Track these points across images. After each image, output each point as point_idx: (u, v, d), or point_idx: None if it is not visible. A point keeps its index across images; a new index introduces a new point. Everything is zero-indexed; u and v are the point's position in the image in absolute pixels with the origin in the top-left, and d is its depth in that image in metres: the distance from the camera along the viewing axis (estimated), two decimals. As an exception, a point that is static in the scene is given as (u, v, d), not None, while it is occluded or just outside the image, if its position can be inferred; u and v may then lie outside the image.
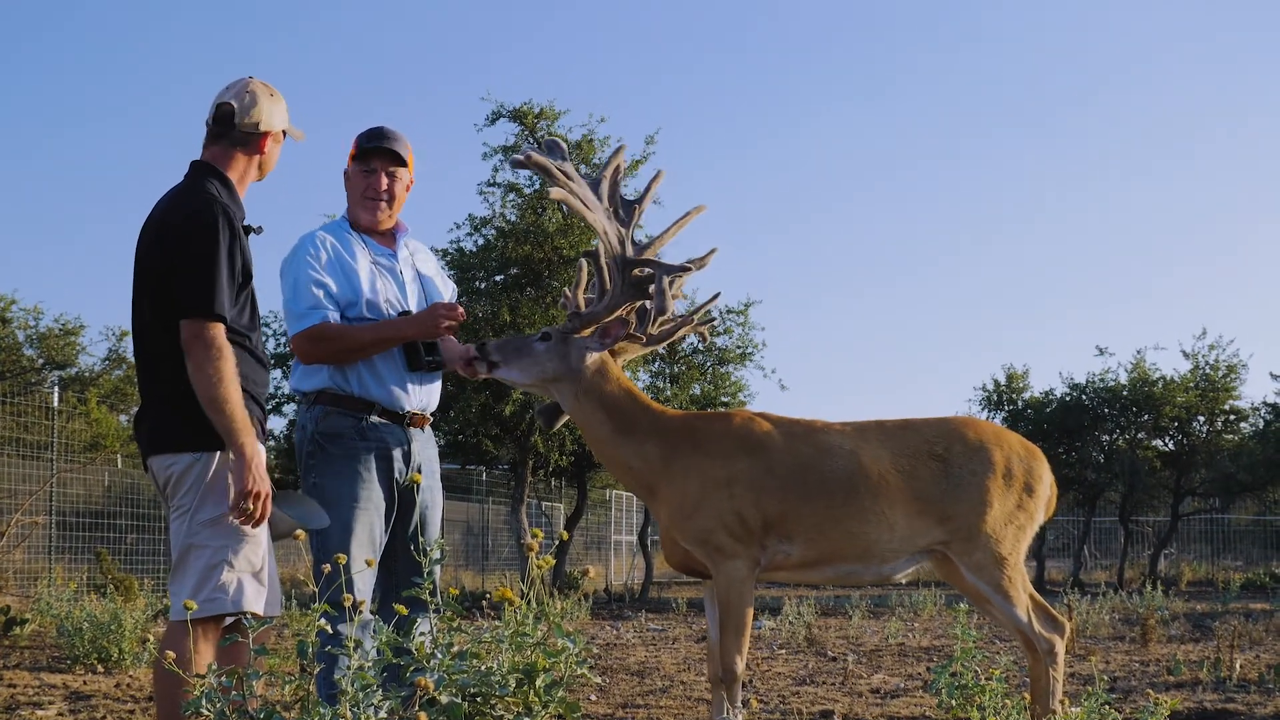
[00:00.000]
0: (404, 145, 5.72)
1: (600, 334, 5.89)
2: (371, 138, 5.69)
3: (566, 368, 5.86)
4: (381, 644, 3.82)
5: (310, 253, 5.46)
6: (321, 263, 5.45)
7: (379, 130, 5.72)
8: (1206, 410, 26.52)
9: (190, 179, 4.78)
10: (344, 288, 5.46)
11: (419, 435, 5.63)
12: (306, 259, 5.44)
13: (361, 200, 5.68)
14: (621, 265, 5.81)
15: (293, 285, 5.44)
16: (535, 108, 20.04)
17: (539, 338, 5.92)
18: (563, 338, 5.89)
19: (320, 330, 5.36)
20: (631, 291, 5.86)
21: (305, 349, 5.42)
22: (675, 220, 6.06)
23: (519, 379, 5.90)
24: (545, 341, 5.89)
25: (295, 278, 5.44)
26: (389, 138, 5.69)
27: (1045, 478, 6.10)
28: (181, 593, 4.52)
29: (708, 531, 5.72)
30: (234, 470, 4.51)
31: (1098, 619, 13.89)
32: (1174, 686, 9.02)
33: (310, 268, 5.42)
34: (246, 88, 4.82)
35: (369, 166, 5.67)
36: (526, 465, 20.71)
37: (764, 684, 9.47)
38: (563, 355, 5.86)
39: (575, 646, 3.93)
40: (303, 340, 5.39)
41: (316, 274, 5.41)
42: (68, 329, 30.01)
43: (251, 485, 4.49)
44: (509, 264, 19.57)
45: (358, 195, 5.70)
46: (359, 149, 5.70)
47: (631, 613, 18.02)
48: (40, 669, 9.90)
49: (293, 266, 5.48)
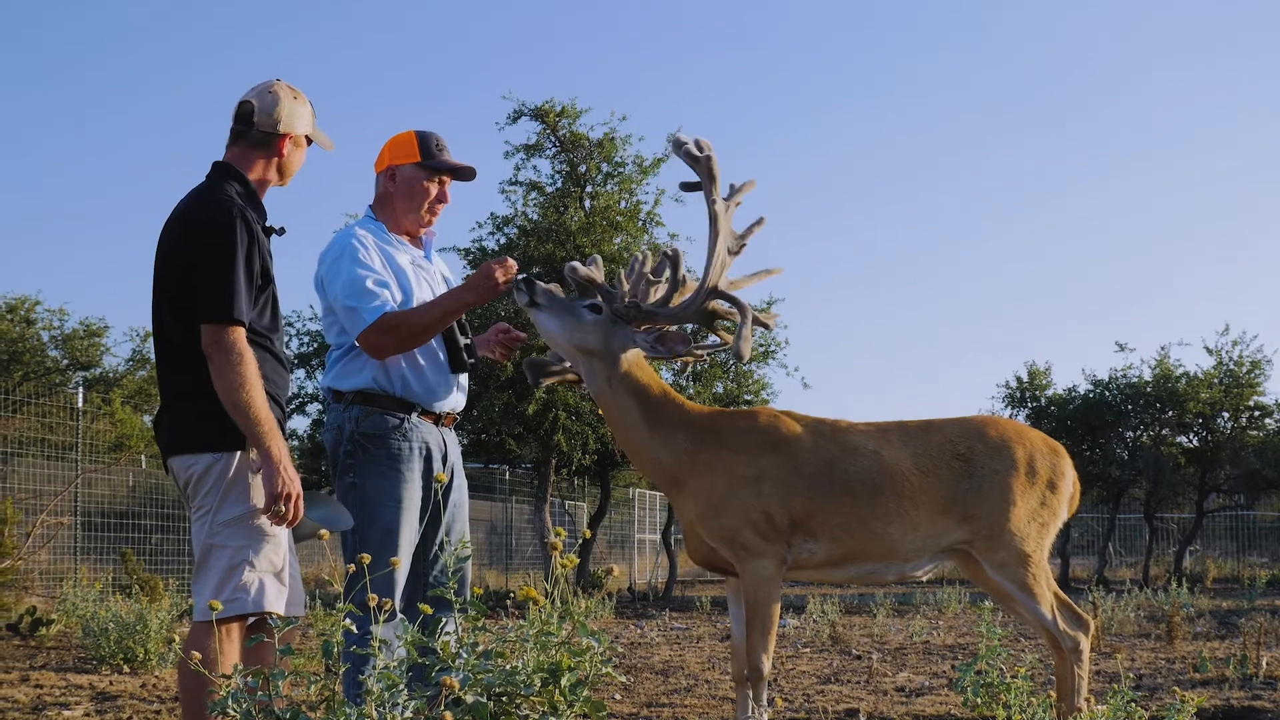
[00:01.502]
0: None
1: (656, 339, 5.77)
2: (442, 149, 5.59)
3: (607, 349, 5.76)
4: (407, 644, 3.82)
5: (361, 250, 5.37)
6: (375, 261, 5.39)
7: (443, 143, 5.61)
8: (1231, 406, 26.41)
9: (209, 181, 4.78)
10: (393, 286, 5.42)
11: (449, 435, 5.62)
12: (359, 256, 5.34)
13: (421, 207, 5.57)
14: (709, 290, 5.68)
15: (348, 284, 5.31)
16: (557, 106, 20.07)
17: (589, 305, 5.77)
18: (613, 318, 5.78)
19: (388, 320, 5.24)
20: (699, 316, 5.77)
21: (377, 342, 5.28)
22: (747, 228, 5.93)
23: (554, 332, 5.74)
24: (595, 314, 5.76)
25: (349, 276, 5.31)
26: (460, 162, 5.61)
27: (1068, 474, 6.09)
28: (204, 593, 4.53)
29: (734, 529, 5.71)
30: (264, 474, 4.50)
31: (1123, 616, 13.85)
32: (1200, 684, 8.99)
33: (362, 264, 5.32)
34: (270, 88, 4.82)
35: (438, 178, 5.59)
36: (549, 464, 20.72)
37: (788, 683, 9.46)
38: (607, 335, 5.76)
39: (600, 645, 3.92)
40: (373, 334, 5.26)
41: (374, 271, 5.31)
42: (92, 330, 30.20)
43: (282, 487, 4.48)
44: (531, 263, 19.58)
45: (417, 201, 5.57)
46: (434, 160, 5.57)
47: (656, 611, 18.02)
48: (66, 669, 9.94)
49: (345, 265, 5.34)
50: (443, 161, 5.57)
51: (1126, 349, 29.48)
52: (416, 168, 5.56)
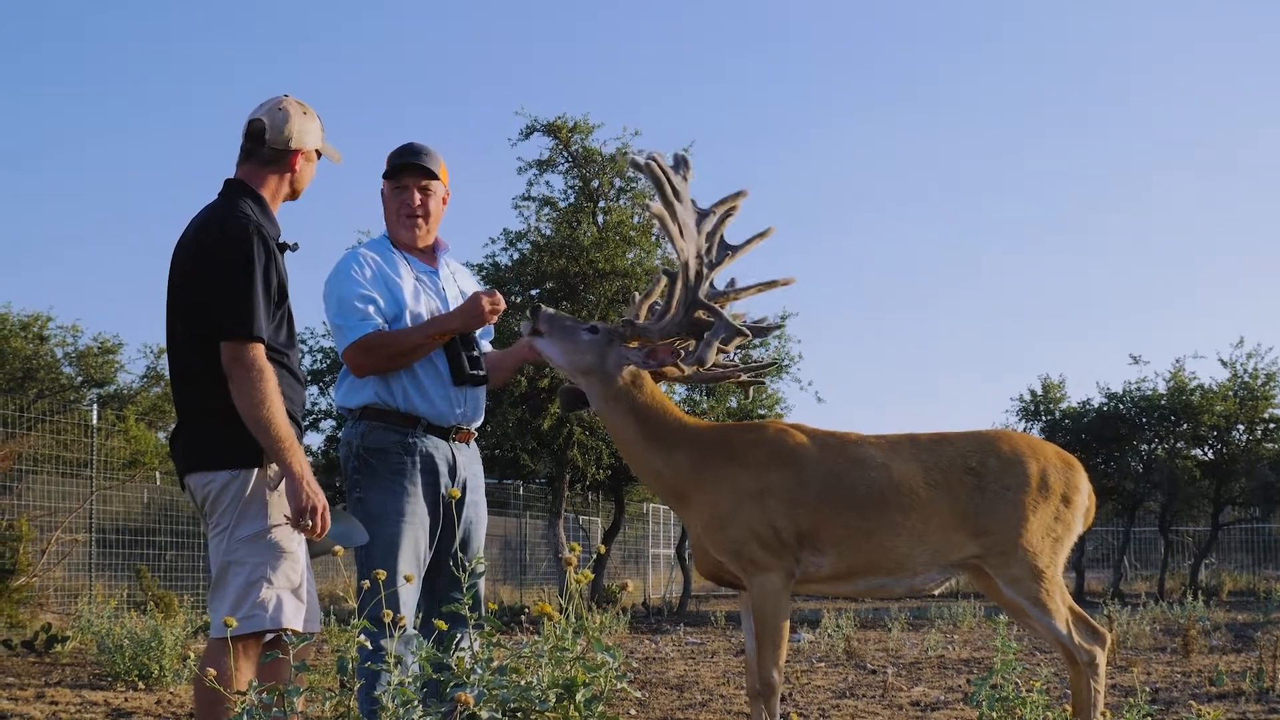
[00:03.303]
0: (434, 159, 5.71)
1: (647, 354, 5.84)
2: (401, 154, 5.70)
3: (602, 368, 5.82)
4: (422, 660, 3.82)
5: (354, 269, 5.47)
6: (367, 278, 5.45)
7: (408, 146, 5.73)
8: (1246, 419, 26.33)
9: (223, 198, 4.79)
10: (389, 302, 5.46)
11: (464, 450, 5.64)
12: (351, 275, 5.45)
13: (398, 218, 5.68)
14: (689, 301, 5.73)
15: (338, 301, 5.44)
16: (569, 121, 20.08)
17: (588, 328, 5.88)
18: (609, 338, 5.85)
19: (370, 340, 5.35)
20: (688, 327, 5.79)
21: (358, 361, 5.40)
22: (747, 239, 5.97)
23: (554, 357, 5.86)
24: (592, 335, 5.85)
25: (340, 294, 5.44)
26: (418, 153, 5.69)
27: (1083, 488, 6.06)
28: (221, 610, 4.53)
29: (741, 543, 5.69)
30: (287, 489, 4.52)
31: (1138, 630, 13.80)
32: (1216, 698, 8.96)
33: (355, 283, 5.42)
34: (279, 105, 4.83)
35: (401, 184, 5.68)
36: (564, 479, 20.73)
37: (803, 697, 9.44)
38: (602, 355, 5.82)
39: (615, 661, 3.92)
40: (354, 352, 5.38)
41: (362, 289, 5.41)
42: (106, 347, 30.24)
43: (307, 501, 4.50)
44: (544, 278, 19.60)
45: (394, 214, 5.70)
46: (390, 166, 5.70)
47: (670, 626, 17.98)
48: (81, 686, 9.95)
49: (337, 284, 5.47)
50: (395, 163, 5.68)
51: (1141, 361, 29.34)
52: (385, 180, 5.74)
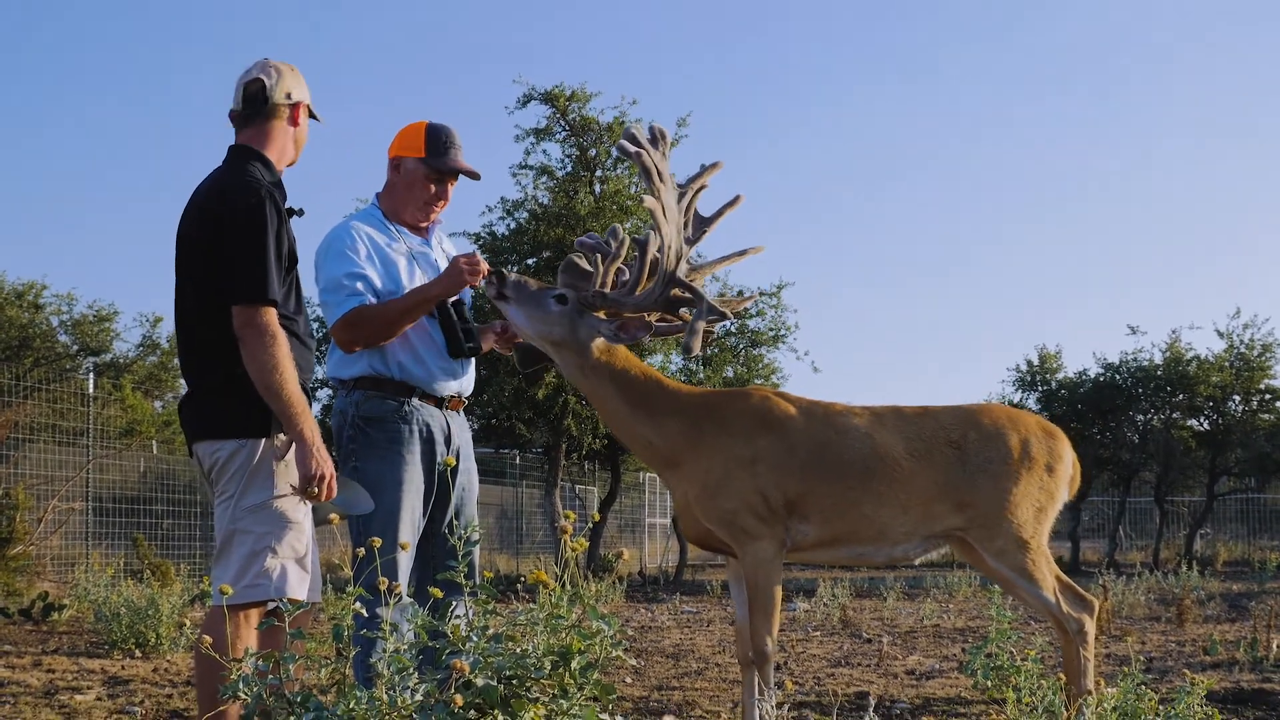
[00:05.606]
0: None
1: (619, 327, 5.72)
2: (449, 148, 5.57)
3: (574, 340, 5.71)
4: (417, 627, 3.83)
5: (347, 244, 5.39)
6: (360, 255, 5.39)
7: (453, 140, 5.60)
8: (1242, 390, 26.40)
9: (232, 162, 4.76)
10: (384, 279, 5.40)
11: (455, 419, 5.63)
12: (345, 251, 5.38)
13: (420, 204, 5.58)
14: (668, 279, 5.65)
15: (327, 278, 5.39)
16: (567, 90, 20.03)
17: (555, 296, 5.72)
18: (578, 309, 5.73)
19: (356, 314, 5.29)
20: (663, 304, 5.71)
21: (345, 336, 5.36)
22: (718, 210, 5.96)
23: (521, 325, 5.71)
24: (561, 305, 5.70)
25: (330, 271, 5.38)
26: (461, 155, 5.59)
27: (1066, 456, 6.06)
28: (224, 578, 4.52)
29: (732, 512, 5.68)
30: (297, 455, 4.52)
31: (1133, 599, 13.86)
32: (1210, 667, 8.99)
33: (347, 260, 5.37)
34: (267, 65, 4.82)
35: (439, 177, 5.57)
36: (560, 449, 20.75)
37: (799, 665, 9.47)
38: (572, 326, 5.70)
39: (610, 629, 3.92)
40: (341, 328, 5.33)
41: (354, 266, 5.35)
42: (101, 315, 30.16)
43: (315, 469, 4.50)
44: (541, 247, 19.59)
45: (415, 196, 5.59)
46: (434, 155, 5.55)
47: (666, 595, 18.04)
48: (78, 654, 9.97)
49: (328, 259, 5.41)
50: (445, 163, 5.57)
51: (1138, 332, 29.43)
52: (419, 163, 5.57)
